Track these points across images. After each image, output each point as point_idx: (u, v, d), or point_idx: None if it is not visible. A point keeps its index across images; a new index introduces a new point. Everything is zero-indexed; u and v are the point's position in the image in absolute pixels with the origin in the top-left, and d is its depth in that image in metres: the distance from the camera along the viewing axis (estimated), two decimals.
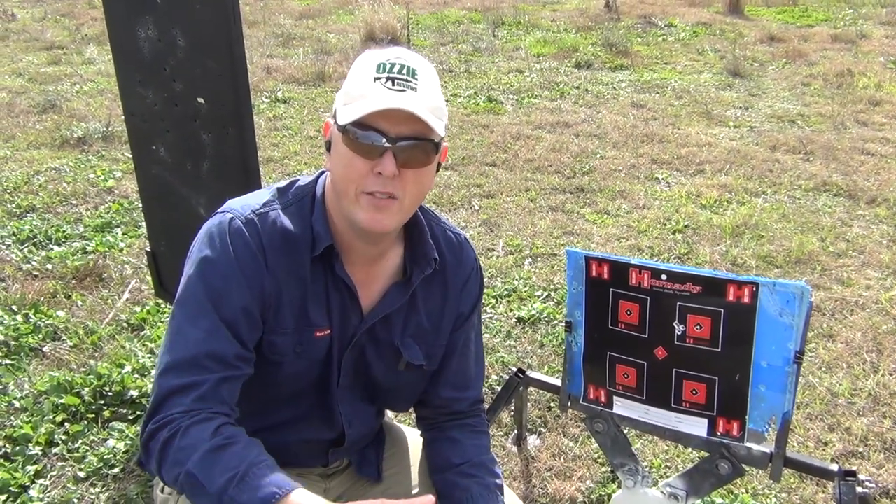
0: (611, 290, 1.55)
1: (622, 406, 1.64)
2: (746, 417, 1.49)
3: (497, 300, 3.12)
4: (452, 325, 1.34)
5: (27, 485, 2.05)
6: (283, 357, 1.20)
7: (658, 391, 1.57)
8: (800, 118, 5.68)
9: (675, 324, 1.49)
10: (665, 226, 3.83)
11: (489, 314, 3.01)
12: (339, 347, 1.25)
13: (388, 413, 1.55)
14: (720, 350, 1.47)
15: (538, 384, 2.03)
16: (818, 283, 3.25)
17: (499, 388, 2.14)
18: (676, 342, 1.50)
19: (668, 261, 3.46)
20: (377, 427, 1.45)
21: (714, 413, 1.52)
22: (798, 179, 4.45)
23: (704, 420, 1.54)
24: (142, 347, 2.68)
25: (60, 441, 2.21)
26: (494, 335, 2.86)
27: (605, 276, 1.55)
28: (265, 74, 6.74)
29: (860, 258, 3.50)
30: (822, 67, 6.99)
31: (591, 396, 1.67)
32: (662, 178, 4.50)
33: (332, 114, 1.16)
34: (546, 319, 2.95)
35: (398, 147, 1.08)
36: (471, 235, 3.66)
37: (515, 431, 2.30)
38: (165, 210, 2.25)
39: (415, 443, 1.49)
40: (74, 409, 2.32)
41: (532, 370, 2.09)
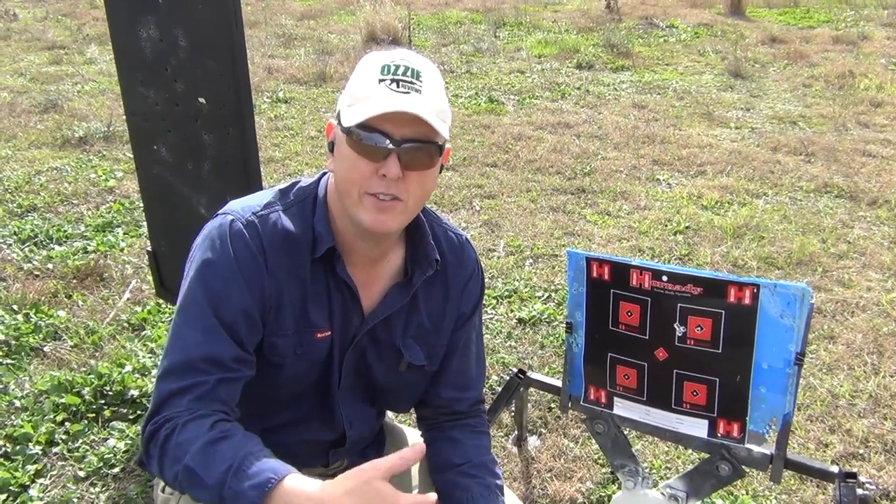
0: (611, 291, 1.55)
1: (623, 407, 1.64)
2: (747, 419, 1.49)
3: (498, 301, 3.12)
4: (453, 326, 1.34)
5: (27, 484, 2.05)
6: (284, 359, 1.21)
7: (658, 392, 1.57)
8: (801, 119, 5.68)
9: (676, 325, 1.49)
10: (666, 227, 3.83)
11: (490, 315, 3.01)
12: (340, 348, 1.25)
13: (389, 414, 1.55)
14: (721, 351, 1.47)
15: (539, 385, 2.03)
16: (819, 285, 3.25)
17: (499, 389, 2.14)
18: (677, 343, 1.50)
19: (669, 262, 3.46)
20: (378, 428, 1.45)
21: (714, 414, 1.52)
22: (799, 181, 4.45)
23: (705, 421, 1.54)
24: (142, 347, 2.68)
25: (61, 440, 2.21)
26: (495, 336, 2.86)
27: (606, 277, 1.55)
28: (266, 74, 6.74)
29: (861, 260, 3.50)
30: (824, 69, 6.99)
31: (592, 397, 1.67)
32: (663, 180, 4.50)
33: (336, 115, 1.15)
34: (547, 320, 2.95)
35: (402, 149, 1.08)
36: (472, 236, 3.66)
37: (516, 432, 2.30)
38: (166, 210, 2.25)
39: (415, 443, 1.49)
40: (75, 409, 2.32)
41: (532, 371, 2.09)
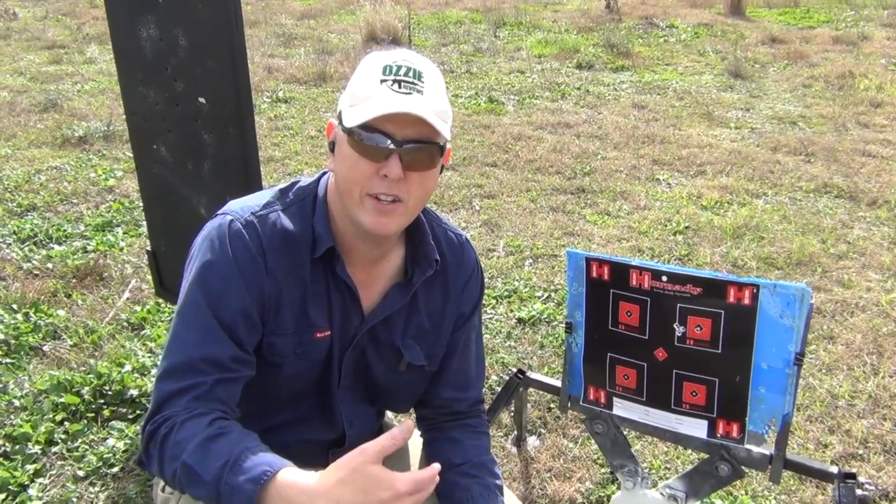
0: (611, 292, 1.55)
1: (622, 407, 1.64)
2: (746, 419, 1.49)
3: (497, 301, 3.12)
4: (453, 326, 1.34)
5: (26, 483, 2.05)
6: (284, 358, 1.21)
7: (658, 392, 1.57)
8: (801, 120, 5.68)
9: (676, 325, 1.49)
10: (666, 227, 3.83)
11: (489, 315, 3.01)
12: (340, 348, 1.25)
13: (389, 413, 1.55)
14: (720, 352, 1.47)
15: (538, 385, 2.03)
16: (819, 285, 3.25)
17: (499, 389, 2.14)
18: (677, 343, 1.50)
19: (669, 262, 3.46)
20: (378, 427, 1.45)
21: (714, 415, 1.52)
22: (799, 181, 4.45)
23: (704, 422, 1.54)
24: (142, 347, 2.68)
25: (60, 440, 2.21)
26: (495, 336, 2.86)
27: (606, 278, 1.55)
28: (266, 74, 6.74)
29: (861, 260, 3.50)
30: (824, 69, 6.99)
31: (591, 397, 1.67)
32: (663, 180, 4.50)
33: (337, 115, 1.15)
34: (546, 320, 2.95)
35: (404, 150, 1.08)
36: (471, 236, 3.66)
37: (515, 432, 2.30)
38: (166, 209, 2.25)
39: (415, 443, 1.49)
40: (74, 408, 2.32)
41: (532, 371, 2.09)
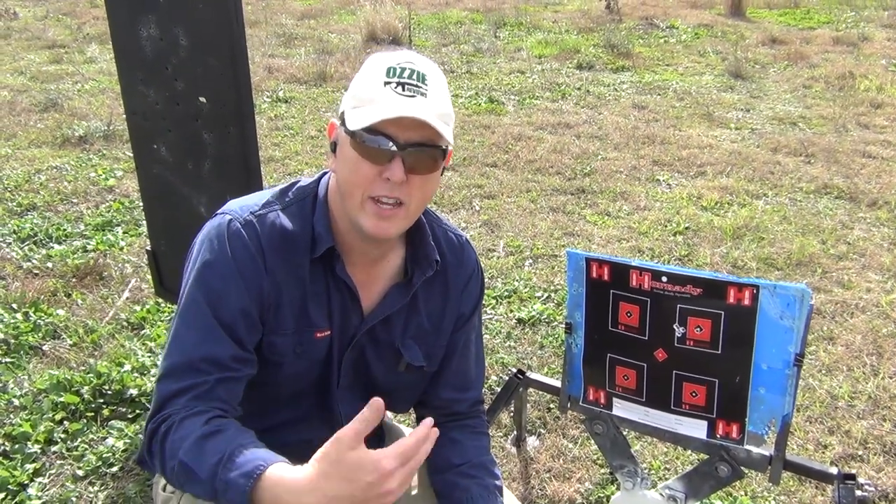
0: (611, 292, 1.55)
1: (622, 408, 1.63)
2: (746, 420, 1.49)
3: (497, 301, 3.12)
4: (453, 326, 1.34)
5: (26, 483, 2.05)
6: (284, 357, 1.21)
7: (658, 393, 1.57)
8: (801, 120, 5.68)
9: (676, 326, 1.49)
10: (666, 227, 3.83)
11: (489, 315, 3.01)
12: (339, 348, 1.25)
13: (388, 414, 1.55)
14: (720, 352, 1.47)
15: (538, 385, 2.02)
16: (819, 286, 3.25)
17: (498, 389, 2.14)
18: (676, 344, 1.50)
19: (669, 262, 3.45)
20: (377, 428, 1.45)
21: (714, 415, 1.52)
22: (799, 182, 4.45)
23: (704, 422, 1.54)
24: (141, 346, 2.68)
25: (59, 439, 2.21)
26: (494, 336, 2.86)
27: (606, 278, 1.55)
28: (267, 74, 6.74)
29: (861, 261, 3.50)
30: (824, 70, 6.99)
31: (591, 398, 1.67)
32: (663, 180, 4.50)
33: (339, 116, 1.15)
34: (546, 320, 2.95)
35: (406, 153, 1.08)
36: (471, 236, 3.66)
37: (515, 432, 2.30)
38: (166, 209, 2.25)
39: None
40: (74, 408, 2.32)
41: (532, 371, 2.09)
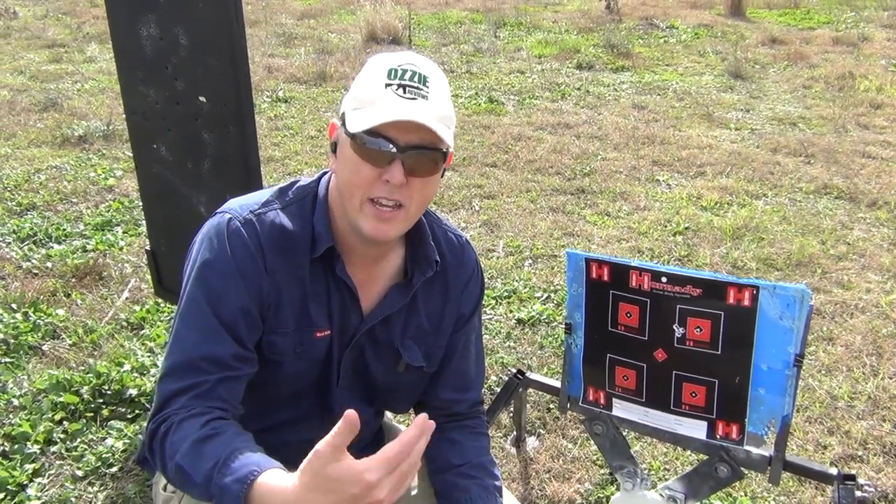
0: (611, 292, 1.55)
1: (621, 408, 1.63)
2: (746, 420, 1.49)
3: (497, 301, 3.12)
4: (453, 327, 1.34)
5: (25, 483, 2.04)
6: (284, 357, 1.21)
7: (657, 393, 1.57)
8: (801, 121, 5.68)
9: (675, 326, 1.49)
10: (665, 228, 3.83)
11: (489, 315, 3.00)
12: (339, 348, 1.25)
13: (388, 414, 1.55)
14: (720, 353, 1.47)
15: (537, 385, 2.02)
16: (818, 286, 3.25)
17: (498, 390, 2.14)
18: (676, 344, 1.50)
19: (669, 263, 3.45)
20: (376, 428, 1.45)
21: (713, 416, 1.52)
22: (799, 182, 4.45)
23: (704, 423, 1.54)
24: (141, 346, 2.68)
25: (59, 439, 2.20)
26: (494, 336, 2.86)
27: (606, 278, 1.55)
28: (266, 74, 6.74)
29: (860, 261, 3.50)
30: (824, 70, 6.99)
31: (591, 398, 1.67)
32: (663, 180, 4.50)
33: (340, 116, 1.15)
34: (546, 321, 2.95)
35: (407, 155, 1.08)
36: (471, 236, 3.66)
37: (514, 433, 2.30)
38: (166, 209, 2.25)
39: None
40: (73, 408, 2.32)
41: (531, 371, 2.09)
